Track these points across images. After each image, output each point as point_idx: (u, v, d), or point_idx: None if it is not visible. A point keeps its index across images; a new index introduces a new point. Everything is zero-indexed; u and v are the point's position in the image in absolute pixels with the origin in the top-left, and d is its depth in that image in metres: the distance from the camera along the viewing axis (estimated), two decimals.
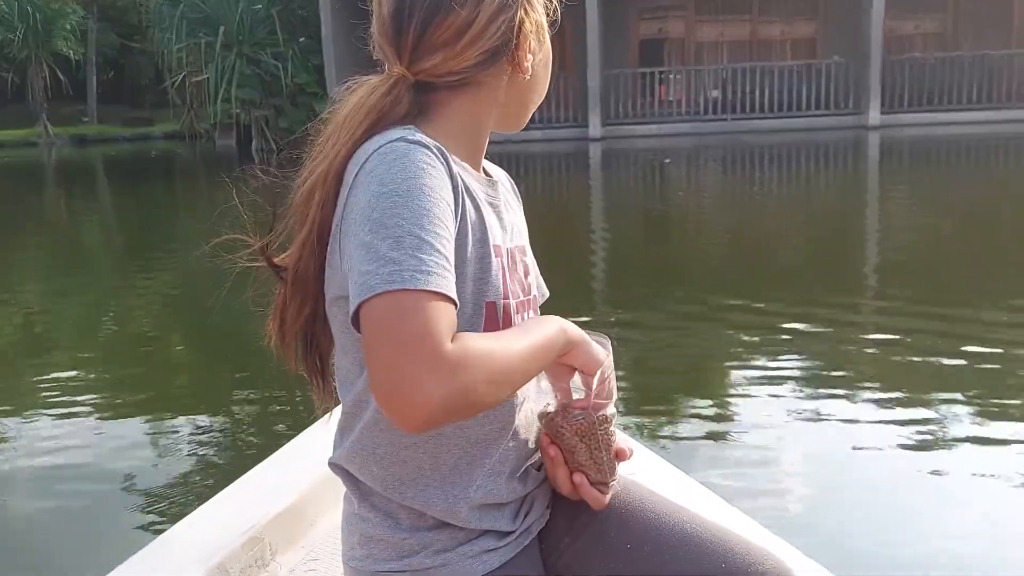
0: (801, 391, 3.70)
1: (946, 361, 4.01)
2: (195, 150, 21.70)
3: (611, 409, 1.06)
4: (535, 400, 1.09)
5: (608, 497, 1.08)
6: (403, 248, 0.84)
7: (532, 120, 1.16)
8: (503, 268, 1.01)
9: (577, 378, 1.06)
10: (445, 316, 0.83)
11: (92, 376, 4.65)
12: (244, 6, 18.66)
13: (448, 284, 0.84)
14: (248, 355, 4.62)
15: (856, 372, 3.94)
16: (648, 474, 1.35)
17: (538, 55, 1.06)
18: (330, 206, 0.96)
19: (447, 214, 0.89)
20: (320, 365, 1.08)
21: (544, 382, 1.09)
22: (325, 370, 1.09)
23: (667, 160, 14.19)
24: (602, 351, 1.04)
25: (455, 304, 0.85)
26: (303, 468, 1.57)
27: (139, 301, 6.41)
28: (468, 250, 0.96)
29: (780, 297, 5.44)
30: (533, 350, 0.92)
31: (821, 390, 3.69)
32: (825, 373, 3.94)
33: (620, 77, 18.70)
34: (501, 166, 1.16)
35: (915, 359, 4.08)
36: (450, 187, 0.92)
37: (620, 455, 1.07)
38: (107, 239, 9.93)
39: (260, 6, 18.78)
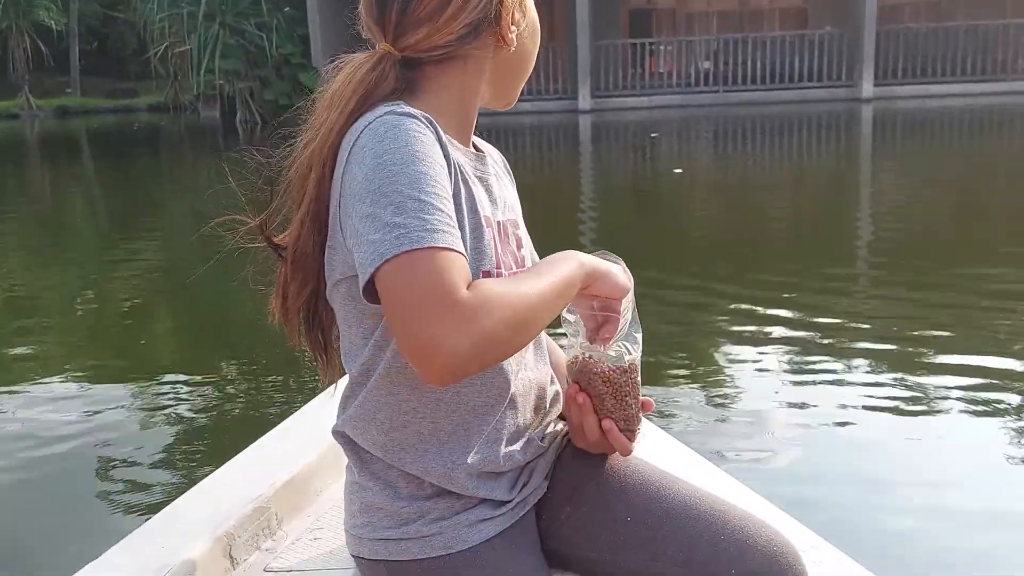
0: (794, 361, 3.75)
1: (940, 333, 4.04)
2: (179, 122, 21.39)
3: (638, 356, 1.08)
4: (534, 369, 1.10)
5: (634, 445, 1.10)
6: (406, 212, 0.85)
7: (521, 92, 1.16)
8: (495, 239, 1.03)
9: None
10: (457, 266, 0.84)
11: (79, 349, 4.58)
12: None
13: (455, 239, 0.86)
14: (241, 327, 4.62)
15: (847, 340, 3.99)
16: (649, 446, 1.35)
17: (522, 26, 1.07)
18: (326, 183, 0.98)
19: (443, 175, 0.91)
20: (323, 340, 1.11)
21: (543, 349, 1.13)
22: (328, 345, 1.11)
23: (654, 135, 14.01)
24: (624, 276, 1.05)
25: (465, 256, 0.86)
26: (308, 438, 1.61)
27: (123, 275, 6.26)
28: (462, 219, 0.97)
29: (770, 270, 5.42)
30: (553, 287, 0.93)
31: (814, 361, 3.71)
32: (819, 342, 3.95)
33: (610, 48, 18.44)
34: (491, 140, 1.14)
35: (909, 332, 4.10)
36: (441, 153, 0.94)
37: (646, 405, 1.09)
38: (89, 213, 9.74)
39: None
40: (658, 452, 1.38)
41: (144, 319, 5.14)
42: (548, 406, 1.15)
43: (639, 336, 1.09)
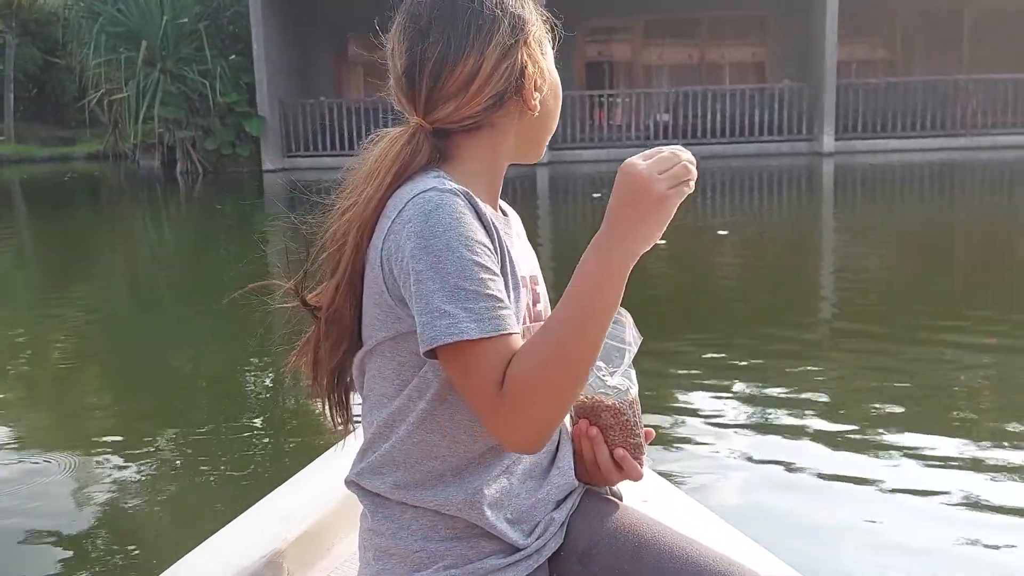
0: (757, 420, 3.68)
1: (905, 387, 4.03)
2: (118, 171, 20.40)
3: (636, 390, 1.15)
4: None
5: (644, 470, 1.15)
6: (455, 301, 0.95)
7: None
8: (529, 297, 1.13)
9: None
10: (497, 359, 0.95)
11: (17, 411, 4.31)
12: (168, 20, 17.50)
13: (501, 321, 0.97)
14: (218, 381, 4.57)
15: (807, 395, 3.99)
16: (659, 503, 1.36)
17: (544, 91, 1.14)
18: (363, 251, 1.06)
19: (488, 255, 0.99)
20: (345, 398, 1.18)
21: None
22: (348, 403, 1.18)
23: (596, 195, 13.46)
24: (674, 158, 1.01)
25: (513, 333, 0.97)
26: (319, 493, 1.59)
27: (61, 331, 5.82)
28: (506, 281, 1.04)
29: (726, 328, 5.21)
30: (581, 319, 0.97)
31: (778, 419, 3.64)
32: (782, 401, 3.88)
33: (567, 100, 17.98)
34: None
35: (871, 385, 4.10)
36: (483, 230, 1.01)
37: (648, 434, 1.16)
38: (14, 266, 8.79)
39: (186, 20, 17.65)
40: (669, 508, 1.37)
41: (84, 375, 4.82)
42: (557, 439, 1.19)
43: (633, 374, 1.15)
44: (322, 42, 20.40)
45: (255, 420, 3.94)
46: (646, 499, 1.34)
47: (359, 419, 1.18)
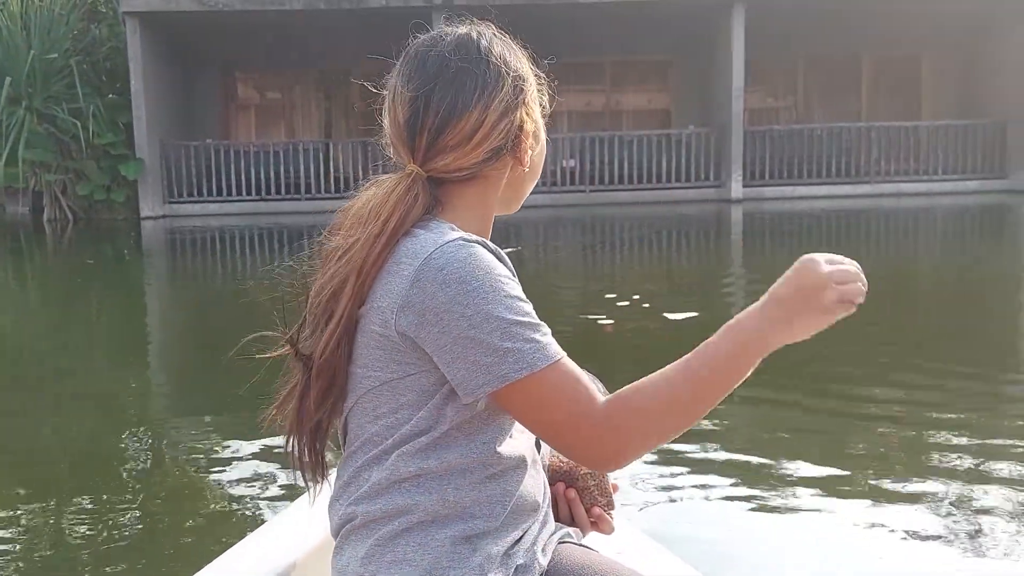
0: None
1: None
2: None
3: None
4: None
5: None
6: (513, 338, 1.02)
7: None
8: None
9: None
10: (573, 378, 1.04)
11: None
12: (36, 55, 16.09)
13: (558, 346, 1.06)
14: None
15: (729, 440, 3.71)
16: (632, 554, 1.45)
17: (536, 149, 1.21)
18: (361, 299, 1.09)
19: (519, 290, 1.07)
20: (322, 450, 1.19)
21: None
22: (323, 455, 1.20)
23: (515, 248, 12.73)
24: (848, 269, 1.05)
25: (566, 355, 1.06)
26: (284, 548, 1.53)
27: None
28: None
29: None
30: (697, 384, 1.02)
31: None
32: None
33: None
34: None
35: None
36: (509, 272, 1.08)
37: (615, 487, 1.32)
38: None
39: (56, 55, 16.26)
40: (641, 558, 1.44)
41: None
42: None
43: None
44: (208, 80, 19.23)
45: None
46: (621, 551, 1.42)
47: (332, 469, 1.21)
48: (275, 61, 18.94)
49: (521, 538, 1.12)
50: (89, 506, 3.36)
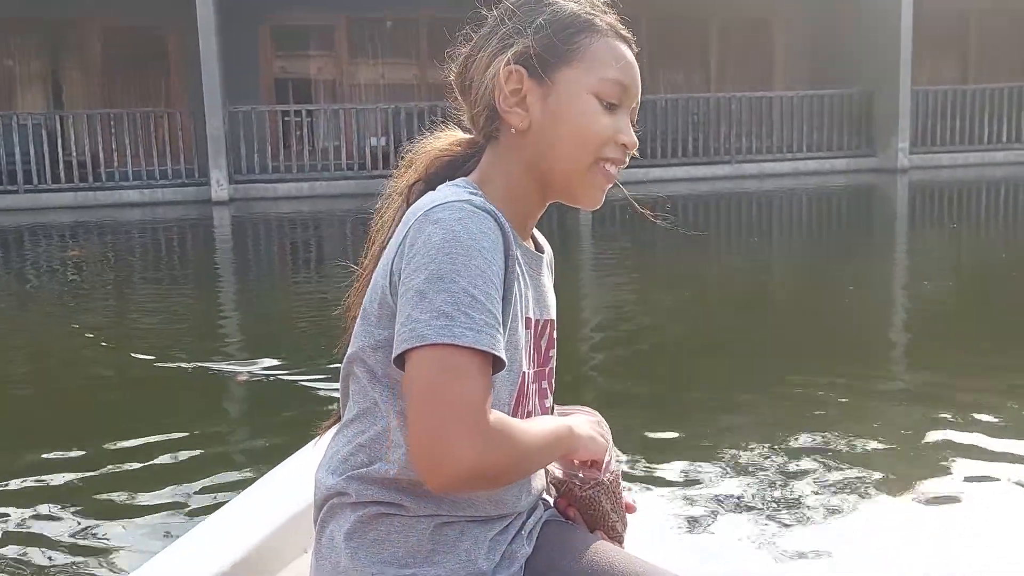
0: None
1: None
2: None
3: (615, 467, 1.16)
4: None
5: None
6: (458, 305, 0.93)
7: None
8: (531, 340, 1.10)
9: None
10: (487, 381, 0.94)
11: None
12: None
13: (497, 343, 0.95)
14: None
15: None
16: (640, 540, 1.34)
17: (535, 110, 1.07)
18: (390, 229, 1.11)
19: (498, 276, 0.98)
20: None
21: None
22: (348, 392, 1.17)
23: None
24: (602, 441, 1.13)
25: (503, 363, 0.96)
26: (261, 518, 1.45)
27: None
28: (506, 316, 1.01)
29: None
30: (548, 443, 1.03)
31: None
32: None
33: (252, 116, 13.58)
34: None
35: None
36: (503, 255, 1.00)
37: (628, 508, 1.21)
38: None
39: None
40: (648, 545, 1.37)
41: None
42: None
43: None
44: None
45: None
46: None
47: None
48: None
49: (508, 525, 1.11)
50: None
